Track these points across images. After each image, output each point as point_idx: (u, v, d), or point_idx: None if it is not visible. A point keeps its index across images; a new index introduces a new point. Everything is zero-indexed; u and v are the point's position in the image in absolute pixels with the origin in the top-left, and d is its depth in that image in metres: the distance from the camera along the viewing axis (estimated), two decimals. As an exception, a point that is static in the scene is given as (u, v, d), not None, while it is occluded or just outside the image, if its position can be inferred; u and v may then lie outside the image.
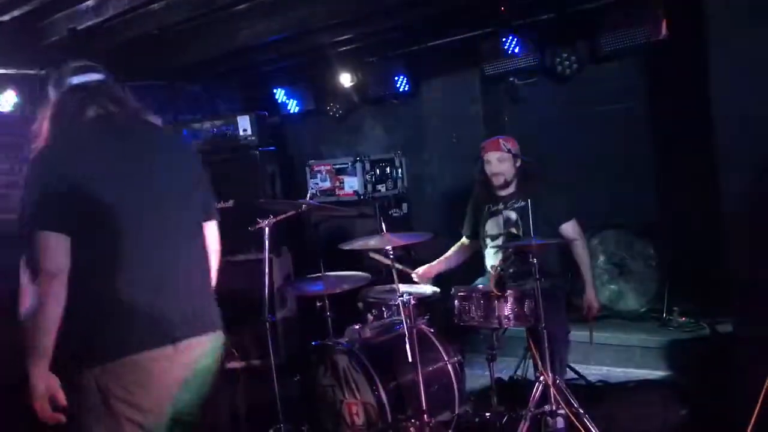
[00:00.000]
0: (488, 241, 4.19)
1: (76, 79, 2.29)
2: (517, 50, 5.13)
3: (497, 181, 4.11)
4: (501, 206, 4.14)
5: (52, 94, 2.31)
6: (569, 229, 4.02)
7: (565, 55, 4.97)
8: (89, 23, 4.08)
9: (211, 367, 2.31)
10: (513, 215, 4.07)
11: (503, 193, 4.15)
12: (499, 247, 4.08)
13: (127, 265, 2.11)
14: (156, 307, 2.14)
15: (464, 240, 4.42)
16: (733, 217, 3.30)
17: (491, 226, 4.18)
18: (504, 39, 5.13)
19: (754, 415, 2.76)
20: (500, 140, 4.11)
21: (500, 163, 4.10)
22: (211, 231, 2.48)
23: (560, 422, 3.36)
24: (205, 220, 2.44)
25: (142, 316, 2.11)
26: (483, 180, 4.19)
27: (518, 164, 4.11)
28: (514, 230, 4.02)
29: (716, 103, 3.35)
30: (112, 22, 4.08)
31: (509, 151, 4.05)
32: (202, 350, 2.25)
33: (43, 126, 2.25)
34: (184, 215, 2.31)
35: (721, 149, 3.39)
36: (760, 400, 2.74)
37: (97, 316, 2.08)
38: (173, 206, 2.27)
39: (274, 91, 6.53)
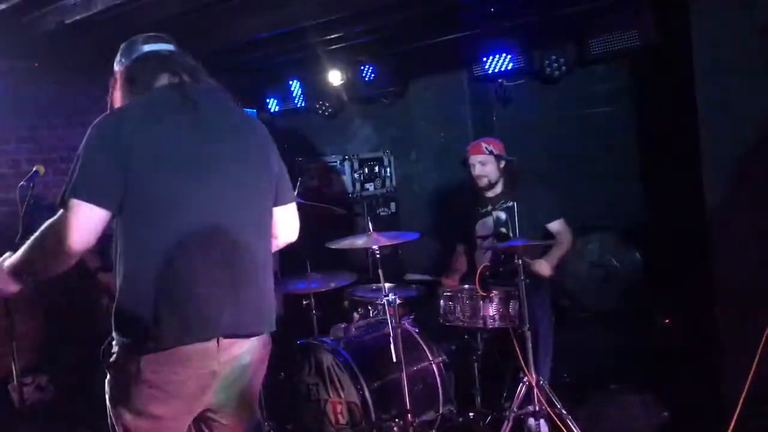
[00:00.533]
0: (479, 242, 4.22)
1: (148, 47, 2.21)
2: (505, 52, 5.15)
3: (481, 182, 4.15)
4: (490, 207, 4.17)
5: (120, 64, 2.22)
6: (557, 226, 4.07)
7: (554, 57, 4.98)
8: (77, 17, 4.05)
9: (250, 367, 2.22)
10: (503, 215, 4.10)
11: (490, 194, 4.18)
12: (485, 248, 4.11)
13: (186, 252, 1.98)
14: (212, 298, 2.02)
15: (458, 247, 4.43)
16: (717, 221, 3.34)
17: (481, 228, 4.21)
18: (493, 40, 5.15)
19: (734, 419, 2.79)
20: (482, 143, 4.17)
21: (483, 165, 4.15)
22: (284, 215, 2.37)
23: (543, 425, 3.40)
24: (279, 204, 2.31)
25: (196, 308, 1.99)
26: (470, 183, 4.23)
27: (502, 165, 4.15)
28: (504, 230, 4.05)
29: (702, 108, 3.38)
30: (102, 16, 4.05)
31: (491, 152, 4.11)
32: (243, 349, 2.16)
33: (114, 96, 2.18)
34: (253, 203, 2.18)
35: (705, 154, 3.42)
36: (739, 404, 2.77)
37: (154, 302, 1.96)
38: (242, 192, 2.13)
39: (264, 88, 6.52)
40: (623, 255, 5.06)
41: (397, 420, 3.37)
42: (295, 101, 6.42)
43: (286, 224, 2.40)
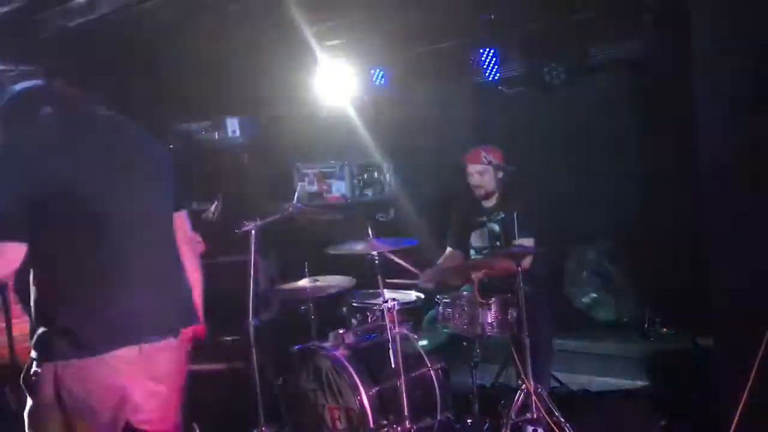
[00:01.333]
0: (473, 253, 4.21)
1: (19, 87, 2.26)
2: (506, 59, 5.17)
3: (478, 192, 4.13)
4: (485, 218, 4.14)
5: None
6: (527, 243, 3.91)
7: (554, 65, 5.00)
8: (81, 20, 4.07)
9: (177, 374, 2.25)
10: (496, 228, 4.09)
11: (486, 204, 4.17)
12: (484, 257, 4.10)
13: (94, 261, 2.04)
14: (125, 305, 2.06)
15: (449, 250, 4.42)
16: (714, 231, 3.34)
17: (476, 239, 4.20)
18: (493, 48, 5.17)
19: (731, 428, 2.79)
20: (481, 152, 4.08)
21: (481, 175, 4.10)
22: (182, 222, 2.43)
23: (540, 432, 3.39)
24: (176, 210, 2.38)
25: (109, 315, 2.04)
26: (467, 191, 4.20)
27: (500, 175, 4.09)
28: (498, 243, 4.04)
29: (702, 118, 3.39)
30: (106, 19, 4.06)
31: (490, 162, 4.03)
32: (169, 355, 2.18)
33: None
34: (155, 209, 2.26)
35: (703, 165, 3.42)
36: (737, 414, 2.77)
37: (63, 310, 2.01)
38: (141, 200, 2.20)
39: (265, 93, 6.50)
40: (621, 263, 5.07)
41: (395, 426, 3.36)
42: (294, 106, 6.40)
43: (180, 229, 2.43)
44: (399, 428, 3.35)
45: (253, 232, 3.72)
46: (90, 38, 4.28)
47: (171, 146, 5.47)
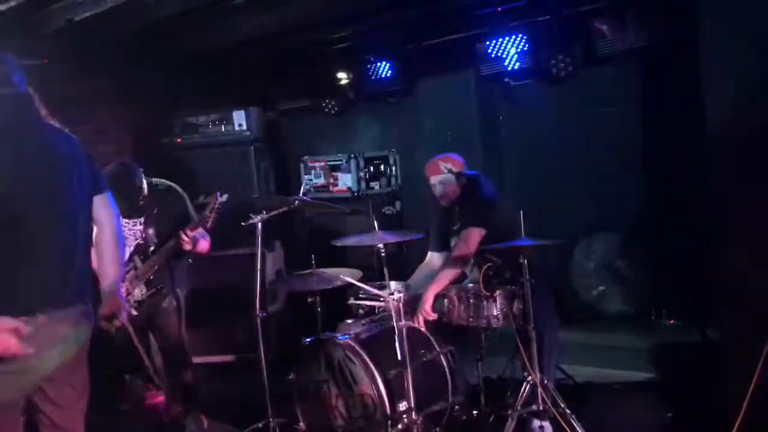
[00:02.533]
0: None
1: None
2: (512, 51, 5.16)
3: (444, 202, 4.11)
4: (459, 225, 4.09)
5: None
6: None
7: (560, 56, 4.98)
8: (87, 14, 4.08)
9: (72, 351, 2.36)
10: None
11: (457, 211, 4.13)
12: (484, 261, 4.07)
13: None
14: (20, 278, 2.22)
15: (429, 255, 4.36)
16: (720, 223, 3.33)
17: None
18: (499, 40, 5.16)
19: (738, 420, 2.79)
20: (440, 162, 4.06)
21: (443, 185, 4.06)
22: (105, 203, 2.57)
23: (547, 425, 3.40)
24: (95, 194, 2.53)
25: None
26: (437, 202, 4.17)
27: (464, 182, 4.03)
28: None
29: (711, 108, 3.37)
30: (112, 12, 4.07)
31: (450, 171, 4.01)
32: (65, 330, 2.32)
33: None
34: (67, 194, 2.39)
35: (714, 155, 3.41)
36: (744, 406, 2.77)
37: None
38: (55, 189, 2.35)
39: (271, 86, 6.53)
40: (628, 255, 5.07)
41: (410, 411, 3.38)
42: (301, 99, 6.43)
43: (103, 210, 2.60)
44: (413, 413, 3.37)
45: (259, 225, 3.72)
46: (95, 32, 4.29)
47: (178, 140, 5.51)
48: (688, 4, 3.44)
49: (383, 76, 5.85)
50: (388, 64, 5.80)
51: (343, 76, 5.92)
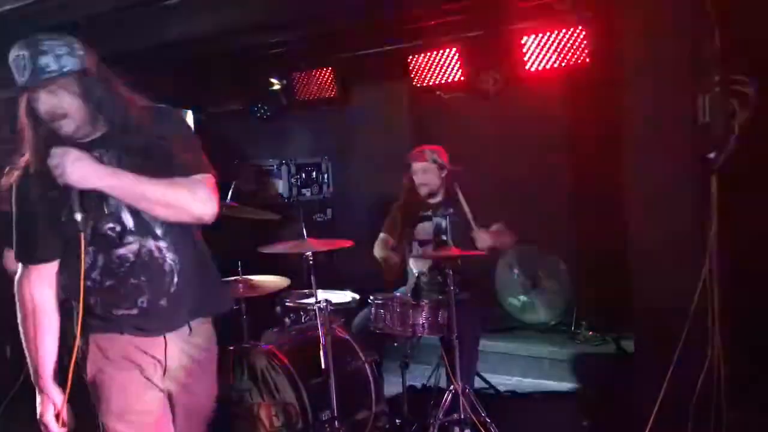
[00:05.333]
0: (415, 245, 4.23)
1: None
2: (445, 64, 5.25)
3: (423, 190, 4.16)
4: (430, 212, 4.19)
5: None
6: (499, 227, 4.05)
7: (491, 72, 5.10)
8: (7, 7, 3.93)
9: None
10: (443, 222, 4.10)
11: (432, 201, 4.21)
12: (422, 257, 4.14)
13: None
14: None
15: (383, 235, 4.40)
16: (637, 239, 3.47)
17: (421, 231, 4.22)
18: (433, 53, 5.24)
19: (648, 426, 2.91)
20: (426, 150, 4.14)
21: (425, 173, 4.14)
22: None
23: (467, 433, 3.46)
24: None
25: None
26: (411, 188, 4.23)
27: (444, 174, 4.16)
28: (444, 237, 4.06)
29: (627, 130, 3.51)
30: (34, 7, 3.93)
31: (435, 161, 4.10)
32: None
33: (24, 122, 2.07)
34: None
35: (628, 174, 3.55)
36: (654, 413, 2.89)
37: None
38: None
39: (202, 89, 6.43)
40: (550, 267, 5.20)
41: (332, 420, 3.38)
42: (233, 103, 6.36)
43: None
44: (336, 422, 3.37)
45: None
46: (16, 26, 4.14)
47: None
48: (611, 27, 3.59)
49: (317, 83, 5.84)
50: (322, 72, 5.80)
51: (276, 82, 5.88)
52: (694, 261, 2.91)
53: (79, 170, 1.94)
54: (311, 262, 3.58)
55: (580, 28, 4.70)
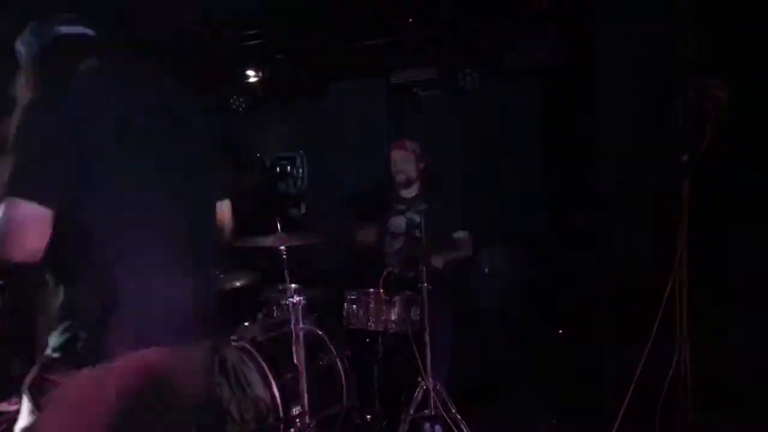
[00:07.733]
0: (389, 238, 4.25)
1: (65, 29, 1.93)
2: (421, 62, 5.26)
3: (399, 179, 4.22)
4: (404, 207, 4.21)
5: (30, 46, 1.92)
6: (461, 235, 4.15)
7: (468, 70, 5.12)
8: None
9: None
10: (416, 217, 4.13)
11: (406, 194, 4.23)
12: (396, 250, 4.15)
13: None
14: None
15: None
16: (608, 240, 3.51)
17: (394, 225, 4.24)
18: (411, 50, 5.25)
19: (617, 423, 2.95)
20: (407, 141, 4.27)
21: (403, 162, 4.21)
22: None
23: (438, 429, 3.47)
24: None
25: None
26: (389, 178, 4.29)
27: (422, 167, 4.22)
28: (417, 232, 4.08)
29: (599, 128, 3.55)
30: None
31: (414, 151, 4.20)
32: None
33: (24, 83, 1.89)
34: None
35: (601, 175, 3.59)
36: (620, 415, 2.93)
37: None
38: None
39: (176, 79, 6.34)
40: (523, 265, 5.23)
41: (303, 415, 3.37)
42: (208, 94, 6.27)
43: None
44: (306, 417, 3.36)
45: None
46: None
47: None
48: (585, 28, 3.62)
49: (294, 76, 5.80)
50: (300, 65, 5.76)
51: (252, 74, 5.82)
52: (665, 262, 2.95)
53: None
54: (284, 256, 3.56)
55: (556, 29, 4.74)
